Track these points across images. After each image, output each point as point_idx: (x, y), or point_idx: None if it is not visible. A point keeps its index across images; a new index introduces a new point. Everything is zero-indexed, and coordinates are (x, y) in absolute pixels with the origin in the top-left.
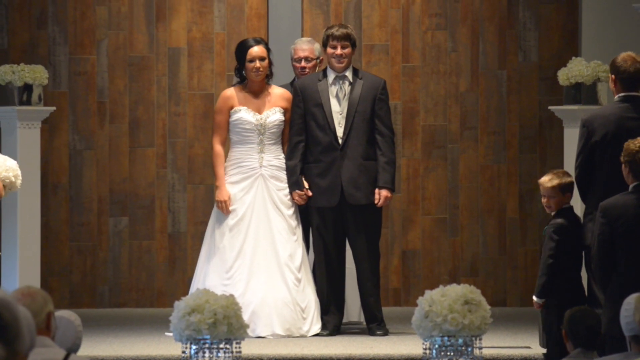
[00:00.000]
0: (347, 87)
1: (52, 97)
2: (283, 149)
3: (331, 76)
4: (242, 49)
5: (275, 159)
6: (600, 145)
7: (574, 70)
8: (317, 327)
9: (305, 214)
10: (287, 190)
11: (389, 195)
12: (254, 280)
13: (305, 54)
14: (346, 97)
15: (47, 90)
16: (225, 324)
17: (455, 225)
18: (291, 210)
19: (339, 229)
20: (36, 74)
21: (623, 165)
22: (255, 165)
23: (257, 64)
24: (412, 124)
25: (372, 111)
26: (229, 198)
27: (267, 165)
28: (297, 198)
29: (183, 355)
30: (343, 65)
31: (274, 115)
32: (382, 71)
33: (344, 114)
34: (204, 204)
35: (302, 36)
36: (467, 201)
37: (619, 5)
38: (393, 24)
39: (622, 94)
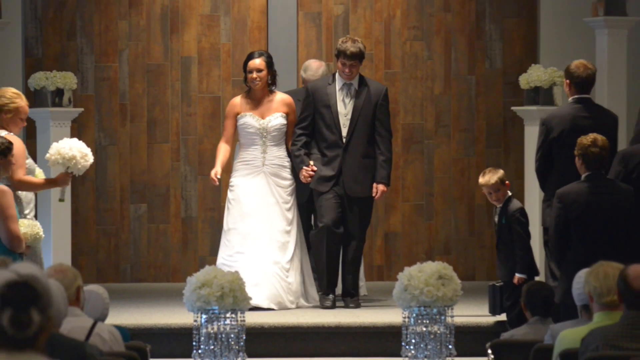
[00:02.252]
0: (353, 92)
1: (80, 100)
2: (288, 147)
3: (340, 82)
4: (245, 61)
5: (276, 158)
6: (557, 141)
7: (533, 76)
8: (302, 301)
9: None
10: (288, 184)
11: (385, 189)
12: (253, 261)
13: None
14: (352, 101)
15: (76, 93)
16: (231, 297)
17: (430, 211)
18: (289, 205)
19: (336, 211)
20: (66, 80)
21: (577, 158)
22: (258, 164)
23: (254, 74)
24: (393, 122)
25: (373, 115)
26: (216, 174)
27: (269, 164)
28: (304, 174)
29: (195, 323)
30: (350, 78)
31: (275, 120)
32: (367, 76)
33: (349, 116)
34: (213, 192)
35: (298, 48)
36: (441, 190)
37: (572, 19)
38: (376, 35)
39: (575, 96)
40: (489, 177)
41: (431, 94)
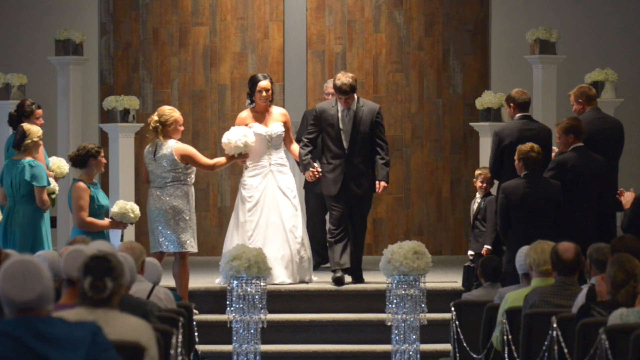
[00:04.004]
0: (352, 114)
1: (141, 118)
2: (288, 148)
3: (340, 107)
4: (253, 81)
5: (279, 158)
6: (507, 149)
7: (485, 99)
8: (312, 277)
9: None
10: (290, 179)
11: (386, 185)
12: (267, 244)
13: (329, 92)
14: (351, 120)
15: (138, 112)
16: (256, 267)
17: (408, 202)
18: (294, 194)
19: (336, 208)
20: (131, 102)
21: (517, 161)
22: (265, 164)
23: (264, 93)
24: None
25: (370, 130)
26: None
27: (274, 164)
28: (309, 175)
29: (228, 287)
30: (347, 106)
31: (277, 128)
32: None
33: (348, 132)
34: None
35: (307, 78)
36: (416, 186)
37: (515, 57)
38: (367, 68)
39: (519, 114)
40: (487, 171)
41: (408, 113)
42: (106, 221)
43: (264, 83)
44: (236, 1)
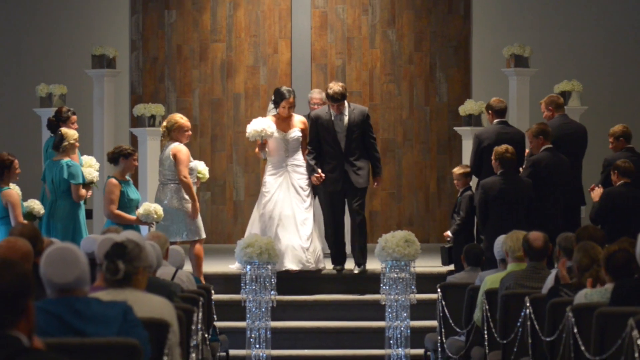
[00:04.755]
0: (345, 117)
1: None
2: (303, 152)
3: (334, 112)
4: (280, 95)
5: (295, 160)
6: (486, 150)
7: (467, 107)
8: (321, 265)
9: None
10: (304, 179)
11: (380, 179)
12: (279, 234)
13: (317, 100)
14: (345, 123)
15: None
16: (266, 254)
17: (400, 196)
18: (306, 192)
19: (342, 202)
20: (157, 110)
21: (494, 161)
22: (283, 164)
23: (287, 107)
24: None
25: (362, 130)
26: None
27: (290, 164)
28: (314, 179)
29: (243, 272)
30: (339, 112)
31: (294, 133)
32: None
33: (344, 134)
34: (254, 185)
35: (311, 87)
36: (407, 182)
37: (493, 69)
38: (363, 79)
39: (497, 120)
40: (458, 169)
41: (400, 119)
42: (133, 217)
43: (290, 99)
44: (249, 20)
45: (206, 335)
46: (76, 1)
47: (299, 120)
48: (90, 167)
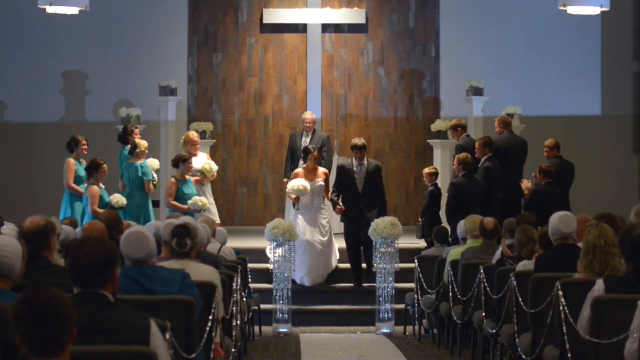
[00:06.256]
0: (363, 168)
1: (214, 136)
2: (325, 196)
3: (355, 162)
4: (307, 151)
5: (319, 203)
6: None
7: (437, 125)
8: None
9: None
10: (325, 218)
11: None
12: (305, 255)
13: (309, 120)
14: (363, 173)
15: (212, 133)
16: (288, 234)
17: (387, 191)
18: (326, 228)
19: (358, 231)
20: (207, 127)
21: (456, 165)
22: (309, 206)
23: (313, 160)
24: (370, 149)
25: (375, 179)
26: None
27: (315, 207)
28: (337, 210)
29: (270, 247)
30: (360, 160)
31: (318, 183)
32: (356, 127)
33: (362, 182)
34: (278, 182)
35: (321, 111)
36: (392, 181)
37: (456, 97)
38: (360, 104)
39: (465, 134)
40: (427, 169)
41: (387, 133)
42: (185, 207)
43: (313, 154)
44: (275, 61)
45: (243, 294)
46: (148, 46)
47: (322, 172)
48: (150, 166)
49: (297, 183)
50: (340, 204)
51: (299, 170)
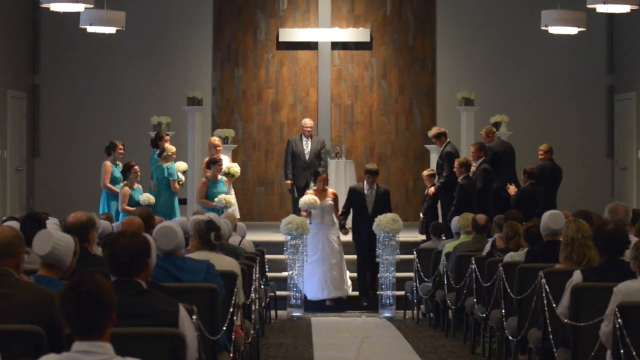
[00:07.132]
0: (374, 191)
1: (235, 142)
2: (335, 215)
3: (367, 186)
4: (317, 174)
5: (329, 221)
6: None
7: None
8: (349, 290)
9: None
10: (335, 234)
11: None
12: (316, 269)
13: (308, 126)
14: (373, 195)
15: (234, 139)
16: (301, 228)
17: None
18: (337, 244)
19: (367, 246)
20: (229, 133)
21: (458, 167)
22: (320, 224)
23: (322, 181)
24: (372, 153)
25: (384, 201)
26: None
27: (326, 224)
28: (343, 231)
29: (285, 240)
30: (372, 184)
31: (328, 202)
32: (361, 134)
33: (372, 204)
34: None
35: (331, 119)
36: (394, 181)
37: (451, 107)
38: (365, 113)
39: (448, 140)
40: (426, 172)
41: (390, 139)
42: (213, 204)
43: (322, 176)
44: (290, 74)
45: (261, 282)
46: (177, 61)
47: (330, 192)
48: (178, 169)
49: (307, 197)
50: (347, 226)
51: (310, 191)
